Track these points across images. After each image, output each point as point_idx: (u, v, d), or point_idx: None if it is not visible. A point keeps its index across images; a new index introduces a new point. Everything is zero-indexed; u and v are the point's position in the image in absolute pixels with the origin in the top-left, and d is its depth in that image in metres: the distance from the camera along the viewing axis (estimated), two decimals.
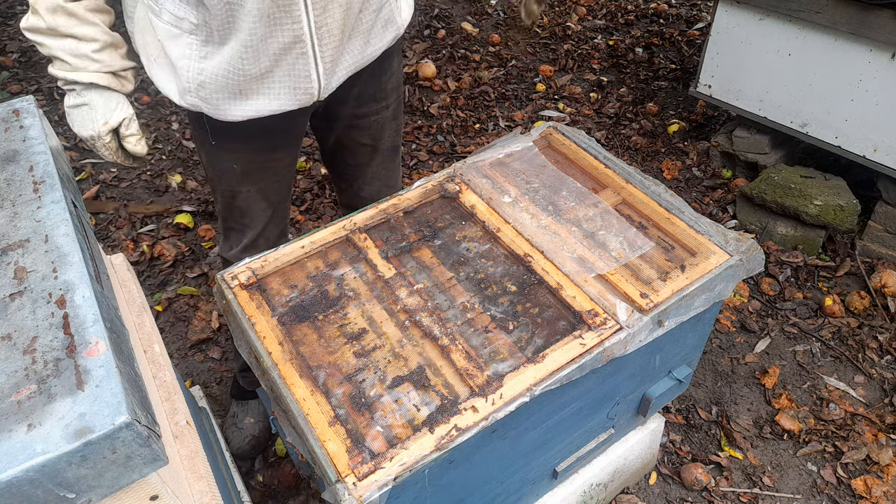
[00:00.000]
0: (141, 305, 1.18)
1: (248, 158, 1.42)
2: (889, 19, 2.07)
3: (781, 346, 2.18)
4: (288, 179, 1.54)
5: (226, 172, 1.47)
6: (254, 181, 1.47)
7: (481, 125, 3.20)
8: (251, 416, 1.86)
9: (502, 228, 1.30)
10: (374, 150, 1.59)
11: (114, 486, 0.62)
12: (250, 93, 1.22)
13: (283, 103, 1.24)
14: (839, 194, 2.39)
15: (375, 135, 1.55)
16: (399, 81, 1.54)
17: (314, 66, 1.20)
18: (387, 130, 1.57)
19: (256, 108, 1.24)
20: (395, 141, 1.63)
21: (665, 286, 1.18)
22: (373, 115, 1.51)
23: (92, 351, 0.64)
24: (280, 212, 1.58)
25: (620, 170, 1.43)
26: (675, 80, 3.49)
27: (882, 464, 1.84)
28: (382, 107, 1.51)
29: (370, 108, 1.49)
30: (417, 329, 1.14)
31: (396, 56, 1.49)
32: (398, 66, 1.51)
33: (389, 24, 1.31)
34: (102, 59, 1.20)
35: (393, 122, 1.58)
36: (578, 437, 1.35)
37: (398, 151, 1.67)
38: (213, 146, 1.41)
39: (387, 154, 1.62)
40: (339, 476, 0.92)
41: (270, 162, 1.45)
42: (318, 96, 1.26)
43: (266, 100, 1.23)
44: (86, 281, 0.72)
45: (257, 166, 1.44)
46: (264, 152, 1.42)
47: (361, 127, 1.52)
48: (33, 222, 0.80)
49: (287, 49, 1.16)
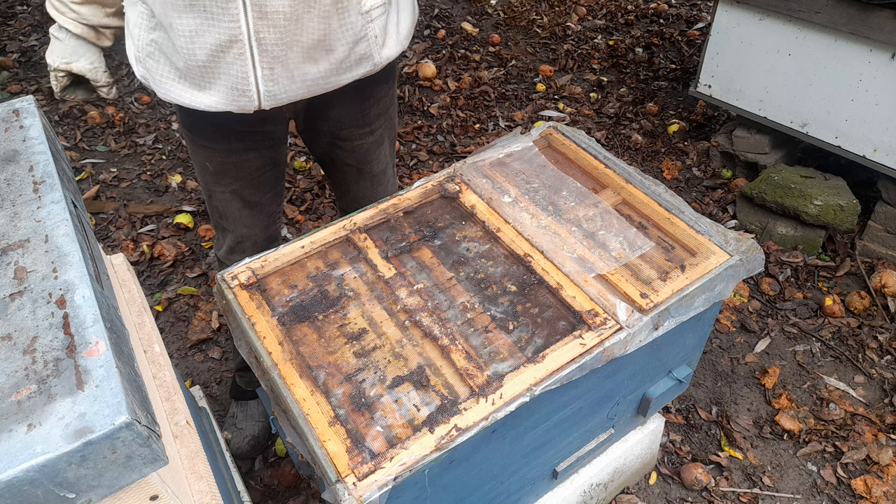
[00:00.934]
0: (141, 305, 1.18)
1: (220, 158, 1.42)
2: (889, 19, 2.07)
3: (781, 346, 2.18)
4: (267, 182, 1.51)
5: (202, 170, 1.47)
6: (227, 182, 1.46)
7: (481, 125, 3.20)
8: (251, 417, 1.86)
9: (502, 228, 1.30)
10: (360, 173, 1.57)
11: (114, 486, 0.62)
12: (193, 82, 1.21)
13: (221, 101, 1.21)
14: (839, 194, 2.39)
15: (360, 158, 1.54)
16: (387, 108, 1.51)
17: (252, 71, 1.17)
18: (373, 156, 1.55)
19: (197, 99, 1.23)
20: (383, 166, 1.60)
21: (665, 286, 1.18)
22: (355, 139, 1.49)
23: (92, 351, 0.64)
24: (262, 214, 1.56)
25: (620, 170, 1.43)
26: (675, 80, 3.49)
27: (882, 464, 1.84)
28: (366, 132, 1.49)
29: (352, 132, 1.48)
30: (417, 329, 1.14)
31: (384, 84, 1.46)
32: (386, 94, 1.48)
33: (364, 59, 1.28)
34: (81, 12, 1.31)
35: (380, 149, 1.55)
36: (578, 437, 1.35)
37: (389, 174, 1.64)
38: (190, 141, 1.43)
39: (376, 178, 1.60)
40: (339, 476, 0.92)
41: (244, 163, 1.44)
42: (259, 103, 1.21)
43: (206, 95, 1.22)
44: (86, 281, 0.72)
45: (230, 167, 1.43)
46: (236, 153, 1.41)
47: (345, 149, 1.51)
48: (33, 222, 0.80)
49: (225, 47, 1.13)
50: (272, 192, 1.55)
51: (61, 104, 3.23)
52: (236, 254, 1.58)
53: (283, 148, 1.51)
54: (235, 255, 1.58)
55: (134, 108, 3.25)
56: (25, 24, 3.85)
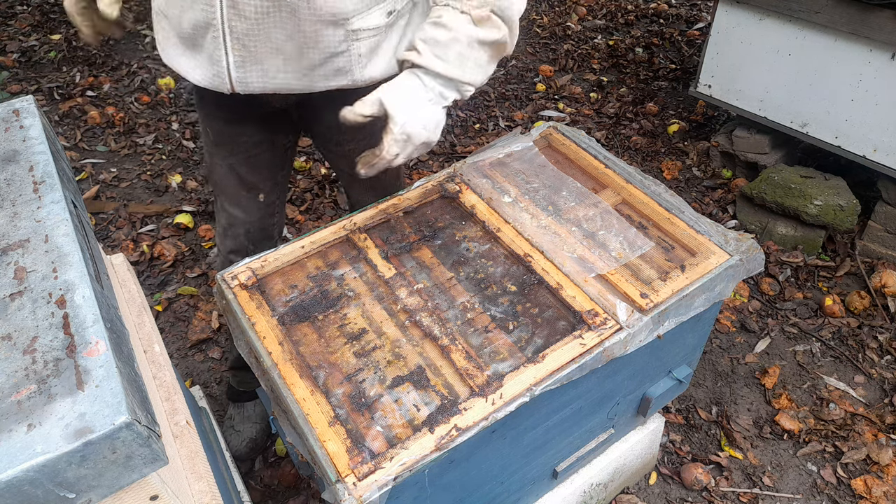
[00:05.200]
0: (141, 305, 1.18)
1: (219, 127, 1.42)
2: (889, 19, 2.07)
3: (781, 346, 2.18)
4: (264, 163, 1.49)
5: (206, 139, 1.46)
6: (223, 154, 1.45)
7: (481, 125, 3.20)
8: (248, 419, 1.85)
9: (502, 228, 1.30)
10: (353, 178, 1.53)
11: (114, 486, 0.62)
12: (185, 52, 1.23)
13: (202, 77, 1.23)
14: (839, 194, 2.39)
15: (351, 164, 1.49)
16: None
17: (224, 56, 1.18)
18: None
19: (186, 70, 1.25)
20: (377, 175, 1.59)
21: (665, 286, 1.18)
22: (344, 144, 1.46)
23: (92, 351, 0.64)
24: (258, 200, 1.54)
25: (620, 170, 1.43)
26: (675, 80, 3.49)
27: (882, 464, 1.84)
28: (354, 141, 1.44)
29: (340, 138, 1.45)
30: (417, 329, 1.14)
31: None
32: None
33: (341, 73, 1.25)
34: None
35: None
36: (578, 437, 1.35)
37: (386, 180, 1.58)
38: (198, 106, 1.44)
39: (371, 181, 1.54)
40: (339, 476, 0.92)
41: (240, 137, 1.43)
42: (231, 87, 1.22)
43: (192, 67, 1.24)
44: (86, 281, 0.72)
45: (226, 139, 1.43)
46: (233, 124, 1.41)
47: (336, 153, 1.50)
48: (33, 222, 0.80)
49: (204, 28, 1.16)
50: (270, 178, 1.54)
51: (61, 103, 3.23)
52: (229, 238, 1.57)
53: (284, 134, 1.50)
54: (228, 239, 1.57)
55: (134, 108, 3.25)
56: (25, 24, 3.85)
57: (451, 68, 1.11)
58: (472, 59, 1.11)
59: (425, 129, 1.12)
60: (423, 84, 1.12)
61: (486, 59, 1.14)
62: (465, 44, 1.09)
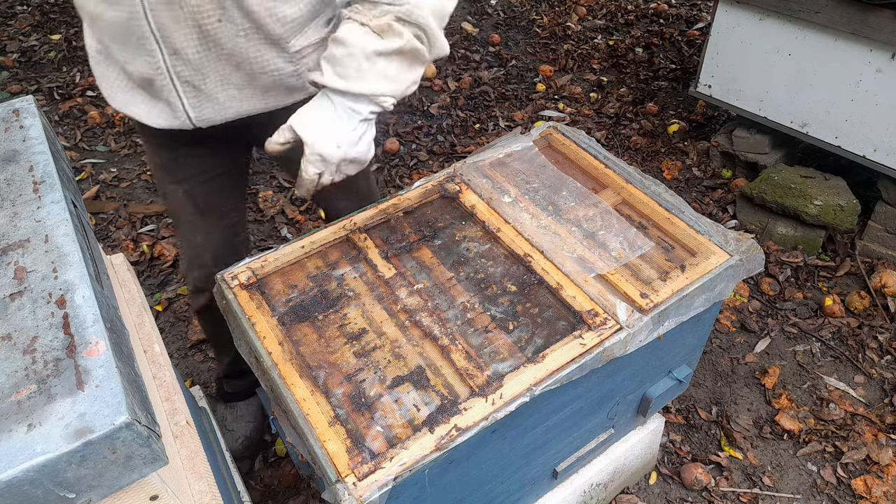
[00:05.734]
0: (141, 305, 1.18)
1: (170, 155, 1.37)
2: (889, 19, 2.07)
3: (781, 346, 2.18)
4: (222, 185, 1.46)
5: (154, 166, 1.42)
6: (178, 181, 1.41)
7: (481, 125, 3.20)
8: (241, 418, 1.86)
9: (502, 228, 1.30)
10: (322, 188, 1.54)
11: (114, 486, 0.62)
12: (141, 96, 1.22)
13: (163, 122, 1.23)
14: (839, 194, 2.39)
15: None
16: None
17: (178, 98, 1.19)
18: None
19: (142, 113, 1.24)
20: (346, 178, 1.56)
21: (665, 286, 1.18)
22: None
23: (92, 351, 0.64)
24: (219, 225, 1.49)
25: (620, 170, 1.43)
26: (675, 80, 3.49)
27: (882, 464, 1.84)
28: None
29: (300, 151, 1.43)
30: (417, 329, 1.14)
31: None
32: None
33: (296, 90, 1.25)
34: None
35: None
36: (578, 437, 1.35)
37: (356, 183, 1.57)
38: (141, 132, 1.38)
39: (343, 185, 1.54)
40: (339, 476, 0.92)
41: (194, 160, 1.39)
42: (192, 123, 1.23)
43: (152, 112, 1.23)
44: (86, 281, 0.72)
45: (180, 164, 1.39)
46: (187, 147, 1.36)
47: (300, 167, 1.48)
48: (33, 222, 0.80)
49: (151, 77, 1.17)
50: (230, 199, 1.50)
51: (61, 104, 3.23)
52: (195, 269, 1.52)
53: (240, 152, 1.46)
54: (195, 270, 1.52)
55: None
56: (25, 24, 3.85)
57: (353, 84, 1.06)
58: (375, 72, 1.06)
59: (339, 146, 1.08)
60: (332, 103, 1.08)
61: (395, 69, 1.07)
62: (362, 58, 1.04)
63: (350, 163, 1.12)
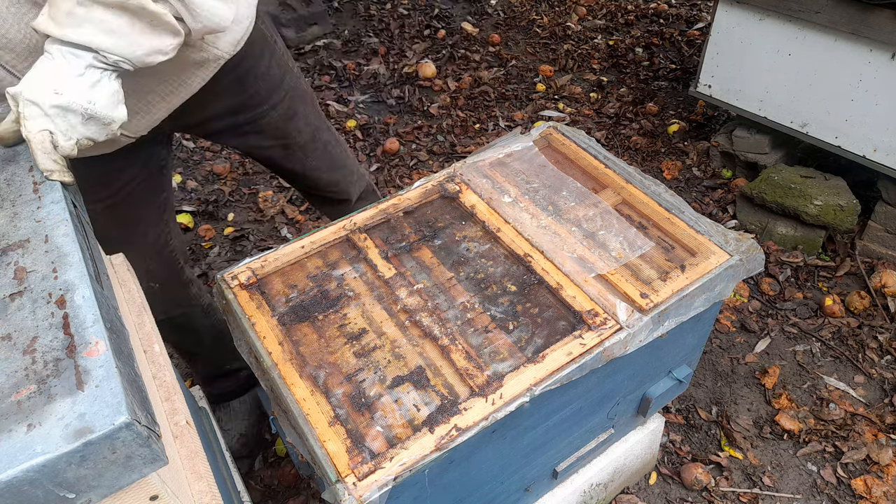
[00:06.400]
0: (141, 305, 1.18)
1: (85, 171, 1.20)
2: (889, 19, 2.07)
3: (781, 346, 2.18)
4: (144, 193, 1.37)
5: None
6: (98, 199, 1.30)
7: (481, 125, 3.20)
8: (235, 417, 1.85)
9: (502, 228, 1.30)
10: (287, 148, 1.46)
11: (114, 486, 0.62)
12: None
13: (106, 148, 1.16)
14: (839, 194, 2.39)
15: (277, 135, 1.42)
16: (279, 80, 1.37)
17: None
18: (289, 129, 1.43)
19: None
20: (310, 133, 1.48)
21: (665, 286, 1.18)
22: (259, 118, 1.37)
23: (92, 351, 0.64)
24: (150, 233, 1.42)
25: (620, 170, 1.43)
26: (675, 80, 3.49)
27: (882, 464, 1.83)
28: (266, 109, 1.37)
29: (248, 115, 1.36)
30: (417, 329, 1.14)
31: (260, 59, 1.31)
32: (269, 67, 1.34)
33: (202, 65, 1.15)
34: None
35: (293, 120, 1.43)
36: (578, 437, 1.35)
37: (323, 138, 1.52)
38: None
39: (308, 146, 1.49)
40: (339, 476, 0.92)
41: (111, 172, 1.30)
42: (132, 137, 1.16)
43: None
44: (86, 281, 0.72)
45: (97, 179, 1.28)
46: (102, 161, 1.24)
47: (254, 131, 1.39)
48: (33, 222, 0.80)
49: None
50: (153, 205, 1.42)
51: None
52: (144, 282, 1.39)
53: (158, 152, 1.37)
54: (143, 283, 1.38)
55: None
56: None
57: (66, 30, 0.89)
58: (91, 21, 0.89)
59: (59, 93, 0.87)
60: (50, 53, 0.90)
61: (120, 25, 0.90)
62: (73, 1, 0.88)
63: (89, 119, 0.91)
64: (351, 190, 1.67)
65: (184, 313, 1.60)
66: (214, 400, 1.86)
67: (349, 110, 3.25)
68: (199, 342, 1.69)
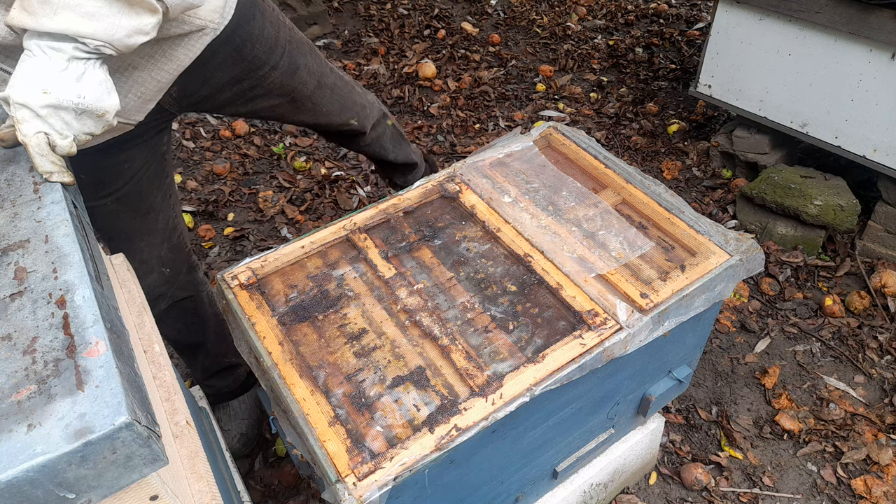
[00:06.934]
0: (141, 305, 1.18)
1: (90, 165, 1.21)
2: (889, 19, 2.07)
3: (781, 346, 2.18)
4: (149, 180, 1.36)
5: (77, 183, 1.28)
6: (105, 193, 1.29)
7: (481, 125, 3.20)
8: (235, 416, 1.85)
9: (502, 228, 1.30)
10: (295, 102, 1.44)
11: (114, 486, 0.62)
12: None
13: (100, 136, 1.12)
14: (839, 194, 2.39)
15: (280, 91, 1.40)
16: (274, 39, 1.33)
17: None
18: (294, 83, 1.41)
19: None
20: (315, 82, 1.46)
21: (665, 286, 1.18)
22: (263, 81, 1.34)
23: (92, 351, 0.64)
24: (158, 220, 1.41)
25: (620, 170, 1.43)
26: (675, 80, 3.49)
27: (882, 464, 1.83)
28: (267, 71, 1.34)
29: (252, 79, 1.33)
30: (417, 329, 1.14)
31: (252, 21, 1.26)
32: (263, 29, 1.29)
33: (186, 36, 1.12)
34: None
35: (296, 73, 1.41)
36: (578, 437, 1.35)
37: (329, 82, 1.49)
38: None
39: (314, 95, 1.47)
40: (339, 476, 0.92)
41: (116, 164, 1.28)
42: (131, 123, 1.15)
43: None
44: (86, 281, 0.72)
45: (103, 173, 1.27)
46: (106, 153, 1.23)
47: (260, 95, 1.37)
48: (33, 223, 0.80)
49: None
50: (159, 190, 1.41)
51: None
52: (144, 278, 1.38)
53: (158, 138, 1.35)
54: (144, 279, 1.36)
55: None
56: None
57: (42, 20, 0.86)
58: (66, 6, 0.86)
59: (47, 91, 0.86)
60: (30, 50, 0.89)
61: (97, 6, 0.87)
62: None
63: (82, 113, 0.90)
64: (365, 123, 1.67)
65: (190, 297, 1.61)
66: (214, 400, 1.86)
67: None
68: (204, 330, 1.69)
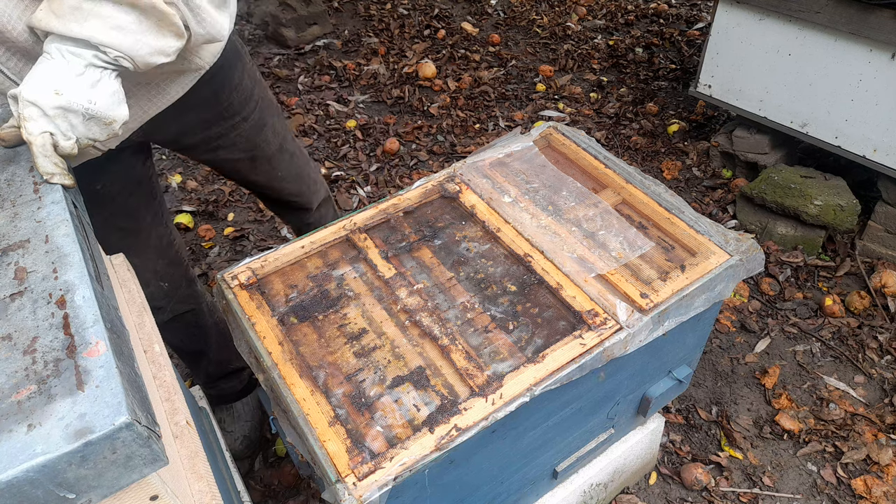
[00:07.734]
0: (141, 305, 1.18)
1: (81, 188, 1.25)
2: (889, 19, 2.07)
3: (781, 346, 2.18)
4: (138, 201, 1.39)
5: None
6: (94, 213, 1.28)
7: (481, 125, 3.20)
8: (239, 418, 1.85)
9: (502, 228, 1.30)
10: (255, 160, 1.47)
11: (114, 486, 0.62)
12: None
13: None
14: (839, 194, 2.39)
15: (245, 146, 1.43)
16: (250, 92, 1.38)
17: None
18: (259, 140, 1.45)
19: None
20: (277, 143, 1.50)
21: (665, 286, 1.18)
22: (230, 131, 1.38)
23: (92, 351, 0.64)
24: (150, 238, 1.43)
25: (620, 170, 1.43)
26: (675, 80, 3.49)
27: (882, 464, 1.84)
28: (238, 121, 1.38)
29: (221, 127, 1.36)
30: (417, 329, 1.14)
31: (235, 72, 1.32)
32: (241, 79, 1.35)
33: (182, 74, 1.15)
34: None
35: (262, 131, 1.44)
36: (578, 437, 1.35)
37: (289, 148, 1.54)
38: None
39: (275, 157, 1.51)
40: (339, 476, 0.92)
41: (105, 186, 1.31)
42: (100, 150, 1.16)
43: None
44: (86, 281, 0.72)
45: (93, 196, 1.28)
46: (95, 174, 1.27)
47: (224, 146, 1.40)
48: (33, 223, 0.80)
49: None
50: (148, 210, 1.42)
51: None
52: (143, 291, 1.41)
53: (143, 163, 1.38)
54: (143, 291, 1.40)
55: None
56: None
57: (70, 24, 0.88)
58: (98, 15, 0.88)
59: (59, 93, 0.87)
60: (49, 52, 0.90)
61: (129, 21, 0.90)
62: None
63: (90, 119, 0.91)
64: (312, 199, 1.70)
65: (192, 310, 1.61)
66: (217, 401, 1.86)
67: (349, 110, 3.25)
68: (206, 339, 1.70)
